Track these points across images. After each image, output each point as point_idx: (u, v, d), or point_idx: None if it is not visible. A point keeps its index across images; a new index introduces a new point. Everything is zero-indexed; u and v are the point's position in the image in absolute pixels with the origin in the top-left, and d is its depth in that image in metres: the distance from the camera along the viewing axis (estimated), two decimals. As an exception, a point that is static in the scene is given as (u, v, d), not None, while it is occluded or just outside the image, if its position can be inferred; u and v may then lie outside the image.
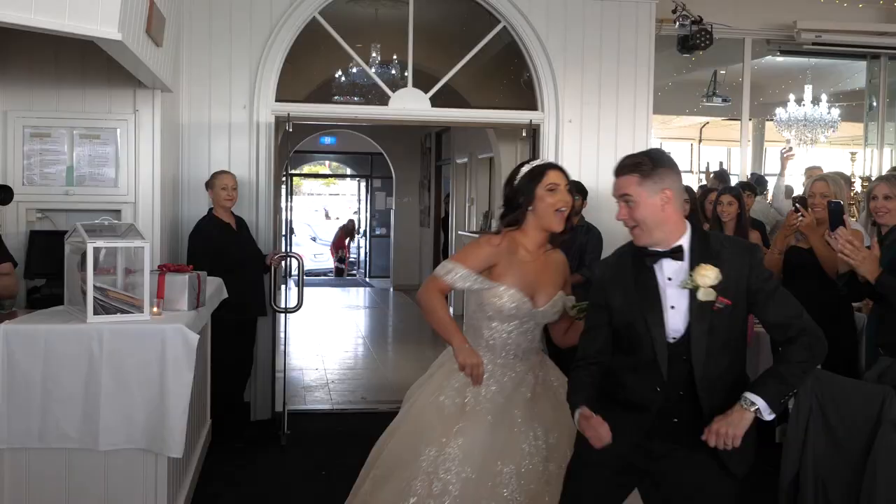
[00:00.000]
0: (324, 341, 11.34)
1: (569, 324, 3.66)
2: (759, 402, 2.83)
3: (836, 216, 4.57)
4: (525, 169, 3.57)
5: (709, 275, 2.87)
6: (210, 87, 7.01)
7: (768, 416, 2.85)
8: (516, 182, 3.56)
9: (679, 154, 17.16)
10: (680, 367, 2.93)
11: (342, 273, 20.90)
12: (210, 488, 5.40)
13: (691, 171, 14.88)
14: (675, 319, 2.94)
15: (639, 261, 3.01)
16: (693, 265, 2.93)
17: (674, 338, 2.94)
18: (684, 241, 2.98)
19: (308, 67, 8.41)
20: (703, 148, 16.55)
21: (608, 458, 2.99)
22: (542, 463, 3.42)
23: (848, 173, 9.10)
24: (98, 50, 4.73)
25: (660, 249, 2.97)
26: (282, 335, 7.52)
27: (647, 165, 2.95)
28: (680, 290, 2.93)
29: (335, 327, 12.82)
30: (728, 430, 2.80)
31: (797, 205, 5.38)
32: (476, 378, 3.34)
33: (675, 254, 2.96)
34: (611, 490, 3.09)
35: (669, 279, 2.96)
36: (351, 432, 6.90)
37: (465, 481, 3.33)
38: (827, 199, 5.09)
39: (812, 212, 5.27)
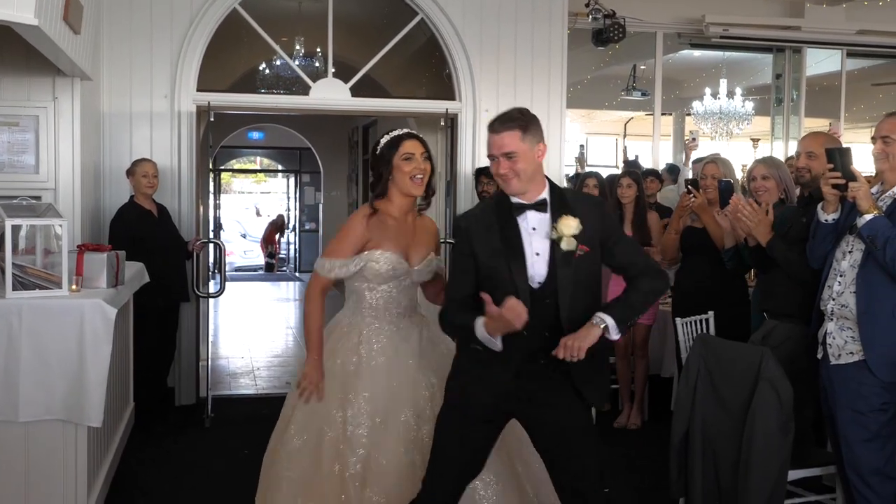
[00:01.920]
0: (252, 332, 11.43)
1: (441, 286, 3.82)
2: (608, 321, 3.13)
3: (726, 194, 4.88)
4: (384, 140, 3.74)
5: (571, 224, 3.16)
6: (131, 76, 7.09)
7: (615, 335, 3.16)
8: (378, 152, 3.74)
9: (603, 148, 17.60)
10: (544, 310, 3.17)
11: (272, 268, 20.93)
12: (131, 466, 5.53)
13: (616, 167, 15.26)
14: (540, 266, 3.19)
15: (503, 212, 3.26)
16: (554, 217, 3.20)
17: (539, 283, 3.19)
18: (545, 195, 3.26)
19: (231, 59, 8.53)
20: (628, 142, 16.98)
21: (475, 403, 3.24)
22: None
23: (749, 161, 9.50)
24: (16, 37, 4.81)
25: (524, 202, 3.24)
26: (207, 322, 7.64)
27: (523, 121, 3.21)
28: (544, 239, 3.20)
29: (263, 319, 12.91)
30: (575, 343, 3.06)
31: (689, 186, 5.67)
32: (307, 393, 3.59)
33: (540, 206, 3.23)
34: (479, 432, 3.29)
35: (534, 229, 3.22)
36: (275, 415, 6.86)
37: (374, 428, 3.55)
38: (717, 179, 5.40)
39: (704, 192, 5.59)
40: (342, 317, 3.83)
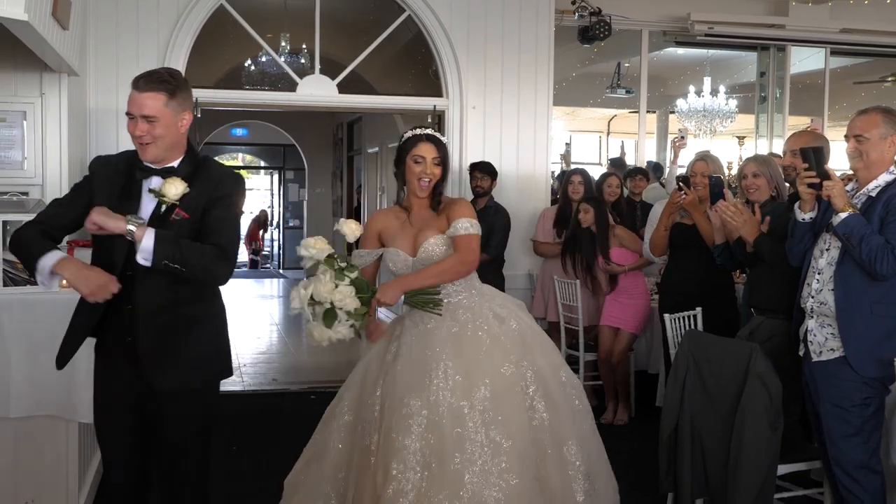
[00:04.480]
0: (237, 330, 11.35)
1: (464, 252, 3.73)
2: (146, 234, 2.88)
3: (716, 190, 4.92)
4: (406, 135, 3.82)
5: (176, 186, 3.02)
6: (117, 72, 7.06)
7: (140, 256, 2.90)
8: (398, 146, 3.85)
9: (587, 145, 17.64)
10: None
11: (256, 265, 20.88)
12: (121, 463, 5.50)
13: (600, 164, 15.30)
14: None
15: (131, 172, 3.10)
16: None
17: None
18: (176, 164, 3.11)
19: (218, 55, 8.49)
20: (612, 140, 17.04)
21: (119, 406, 3.18)
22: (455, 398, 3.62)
23: (735, 158, 9.58)
24: (3, 32, 4.78)
25: (154, 166, 3.09)
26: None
27: (172, 84, 3.05)
28: (152, 201, 3.06)
29: (249, 317, 12.86)
30: (99, 217, 2.89)
31: (680, 183, 5.68)
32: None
33: (167, 173, 3.07)
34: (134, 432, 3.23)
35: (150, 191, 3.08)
36: (261, 411, 7.05)
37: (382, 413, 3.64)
38: (707, 176, 5.43)
39: (694, 190, 5.61)
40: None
